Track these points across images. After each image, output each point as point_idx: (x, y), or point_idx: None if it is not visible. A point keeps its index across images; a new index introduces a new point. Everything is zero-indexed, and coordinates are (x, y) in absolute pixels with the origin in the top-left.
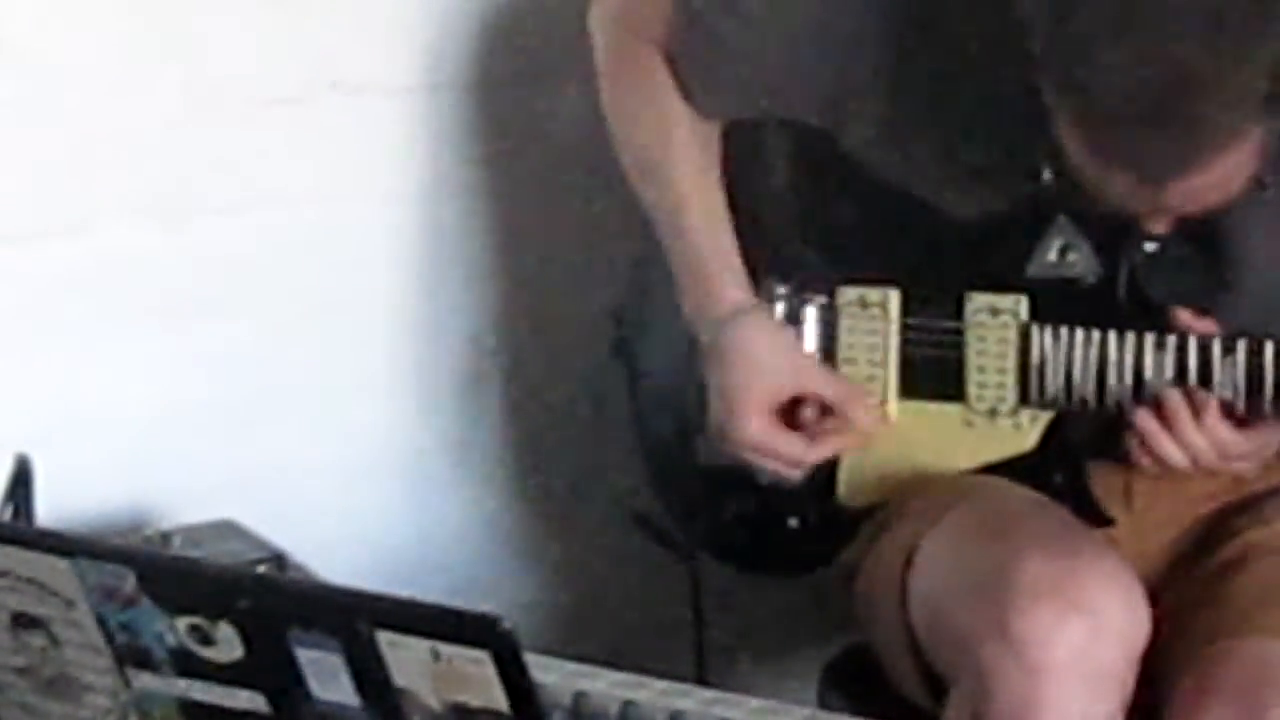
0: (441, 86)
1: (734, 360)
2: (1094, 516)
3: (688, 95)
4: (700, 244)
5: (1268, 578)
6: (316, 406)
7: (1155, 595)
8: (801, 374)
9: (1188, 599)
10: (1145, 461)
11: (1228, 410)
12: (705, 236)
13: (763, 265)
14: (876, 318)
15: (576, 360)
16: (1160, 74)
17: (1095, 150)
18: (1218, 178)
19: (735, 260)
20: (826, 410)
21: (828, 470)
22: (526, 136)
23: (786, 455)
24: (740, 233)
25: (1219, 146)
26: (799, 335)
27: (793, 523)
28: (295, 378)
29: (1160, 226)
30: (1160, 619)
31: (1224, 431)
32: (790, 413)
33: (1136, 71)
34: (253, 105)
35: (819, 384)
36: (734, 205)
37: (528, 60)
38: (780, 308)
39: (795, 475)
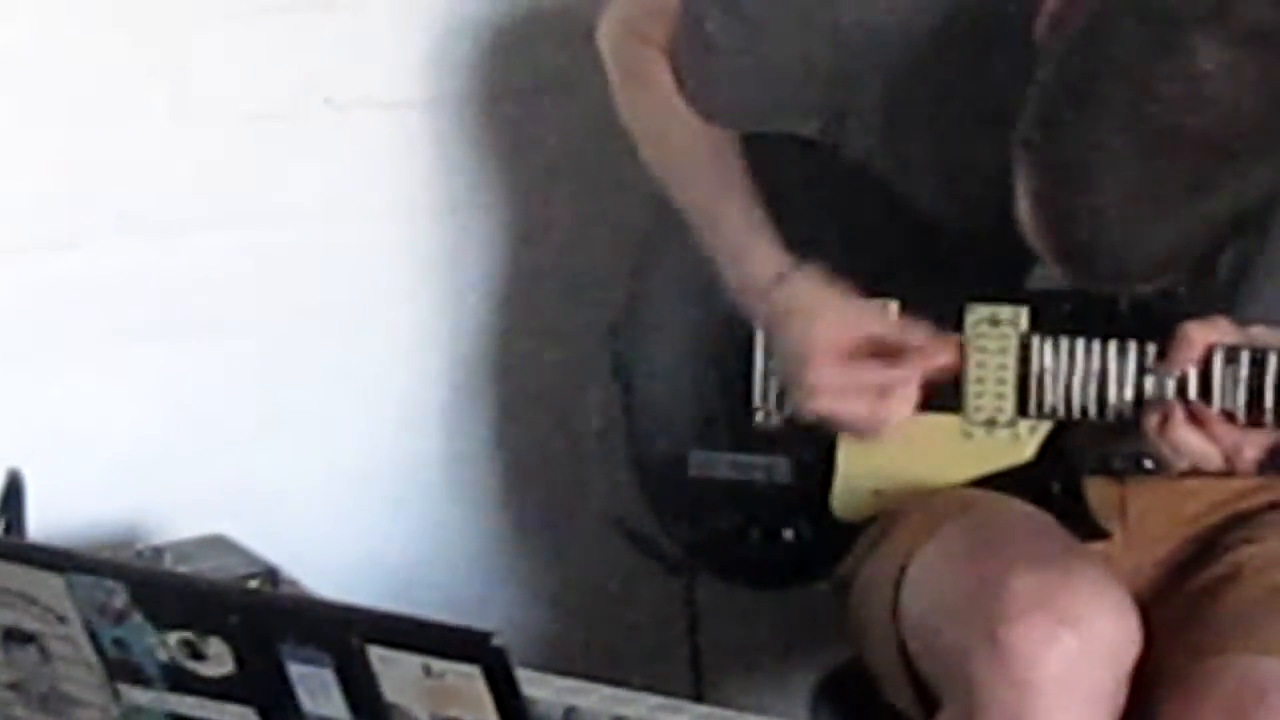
0: (435, 101)
1: (790, 317)
2: (1089, 529)
3: (690, 103)
4: (736, 226)
5: (1257, 594)
6: (308, 422)
7: (1146, 610)
8: (860, 317)
9: (1178, 614)
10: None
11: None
12: (740, 217)
13: None
14: None
15: (569, 375)
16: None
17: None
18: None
19: (771, 232)
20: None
21: (822, 483)
22: (522, 151)
23: (867, 381)
24: None
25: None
26: None
27: (787, 536)
28: (286, 393)
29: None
30: (1151, 634)
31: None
32: None
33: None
34: (243, 121)
35: (879, 325)
36: None
37: (524, 74)
38: None
39: (876, 426)
